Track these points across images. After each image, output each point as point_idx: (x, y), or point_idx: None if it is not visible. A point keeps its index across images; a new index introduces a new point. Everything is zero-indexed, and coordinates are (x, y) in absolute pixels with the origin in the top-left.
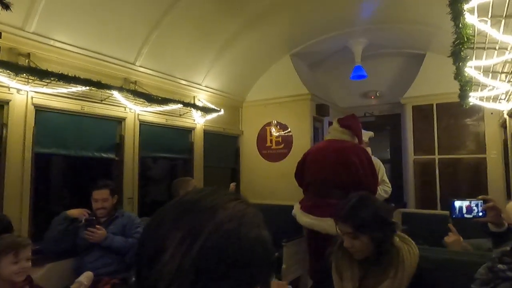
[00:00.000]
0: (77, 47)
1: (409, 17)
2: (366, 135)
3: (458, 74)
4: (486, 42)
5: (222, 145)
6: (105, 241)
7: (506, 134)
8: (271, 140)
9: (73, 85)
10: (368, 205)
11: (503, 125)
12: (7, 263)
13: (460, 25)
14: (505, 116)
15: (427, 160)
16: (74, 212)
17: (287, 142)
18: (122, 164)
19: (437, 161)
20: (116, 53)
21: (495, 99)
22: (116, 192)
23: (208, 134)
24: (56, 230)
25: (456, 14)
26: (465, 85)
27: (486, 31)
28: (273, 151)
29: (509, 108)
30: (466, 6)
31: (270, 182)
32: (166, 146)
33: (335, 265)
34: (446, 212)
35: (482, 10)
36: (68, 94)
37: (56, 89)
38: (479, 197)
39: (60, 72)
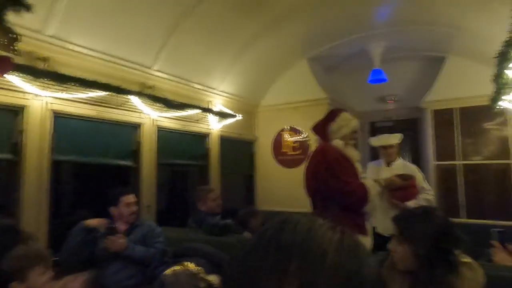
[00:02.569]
0: (95, 51)
1: (429, 18)
2: (374, 141)
3: (499, 76)
4: None
5: (238, 151)
6: (126, 251)
7: None
8: (287, 146)
9: (91, 90)
10: (427, 218)
11: None
12: (37, 275)
13: None
14: None
15: (449, 166)
16: (92, 222)
17: (304, 147)
18: (140, 171)
19: (460, 167)
20: (133, 57)
21: None
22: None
23: (223, 140)
24: (74, 241)
25: None
26: (502, 87)
27: None
28: (289, 157)
29: None
30: None
31: (286, 189)
32: (183, 152)
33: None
34: (473, 221)
35: None
36: (85, 99)
37: (74, 94)
38: None
39: (79, 77)
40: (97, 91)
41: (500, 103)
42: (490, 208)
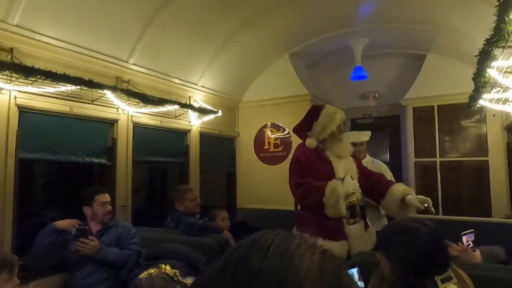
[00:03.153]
0: (65, 42)
1: (411, 16)
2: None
3: (479, 75)
4: None
5: (218, 148)
6: (98, 254)
7: (510, 137)
8: (269, 143)
9: (62, 84)
10: (409, 243)
11: (508, 127)
12: (1, 282)
13: (507, 19)
14: None
15: (428, 163)
16: (62, 224)
17: (285, 144)
18: (115, 169)
19: (438, 164)
20: (108, 50)
21: (505, 101)
22: None
23: (204, 137)
24: (42, 244)
25: (506, 7)
26: (483, 86)
27: None
28: (271, 153)
29: None
30: None
31: (268, 186)
32: (161, 149)
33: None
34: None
35: None
36: (55, 93)
37: (43, 88)
38: None
39: (47, 70)
40: (68, 85)
41: (479, 101)
42: (466, 205)
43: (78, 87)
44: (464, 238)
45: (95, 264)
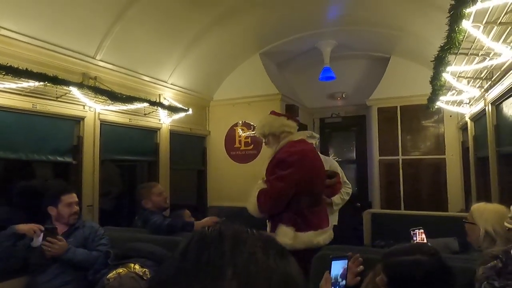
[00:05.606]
0: (28, 36)
1: (376, 20)
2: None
3: (435, 79)
4: (471, 48)
5: (189, 146)
6: (66, 254)
7: (465, 136)
8: (239, 141)
9: (24, 79)
10: (412, 263)
11: (463, 128)
12: None
13: (457, 29)
14: (467, 119)
15: (392, 160)
16: (23, 228)
17: (256, 143)
18: (81, 168)
19: (400, 162)
20: (74, 46)
21: (459, 103)
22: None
23: (174, 135)
24: (2, 247)
25: (455, 19)
26: (439, 89)
27: (475, 37)
28: (242, 152)
29: (471, 112)
30: (466, 10)
31: (239, 184)
32: (129, 147)
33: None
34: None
35: (476, 16)
36: (17, 89)
37: (3, 84)
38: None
39: (8, 65)
40: (30, 81)
41: (436, 103)
42: (426, 200)
43: (41, 83)
44: (417, 233)
45: (60, 266)
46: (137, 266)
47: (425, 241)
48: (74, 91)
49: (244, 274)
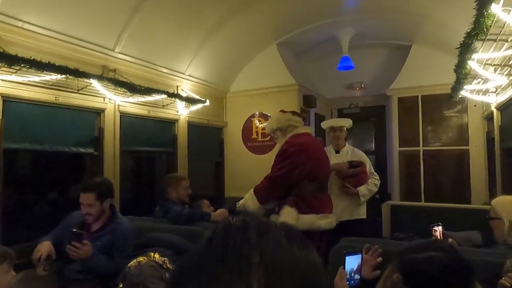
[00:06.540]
0: (50, 30)
1: (396, 7)
2: (325, 123)
3: (460, 67)
4: (500, 34)
5: (206, 138)
6: (89, 261)
7: (490, 127)
8: (256, 132)
9: (46, 72)
10: (427, 260)
11: (488, 118)
12: (2, 273)
13: (485, 13)
14: (493, 109)
15: (412, 152)
16: (39, 248)
17: None
18: (102, 159)
19: (421, 153)
20: (93, 38)
21: (485, 92)
22: (108, 196)
23: (191, 126)
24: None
25: (484, 2)
26: (464, 77)
27: (505, 22)
28: (258, 143)
29: (497, 101)
30: None
31: (256, 175)
32: (148, 139)
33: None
34: (432, 204)
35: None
36: (40, 82)
37: (27, 77)
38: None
39: (31, 58)
40: (52, 74)
41: (460, 92)
42: (447, 192)
43: (63, 76)
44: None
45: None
46: (156, 255)
47: (443, 237)
48: (95, 83)
49: (270, 261)
